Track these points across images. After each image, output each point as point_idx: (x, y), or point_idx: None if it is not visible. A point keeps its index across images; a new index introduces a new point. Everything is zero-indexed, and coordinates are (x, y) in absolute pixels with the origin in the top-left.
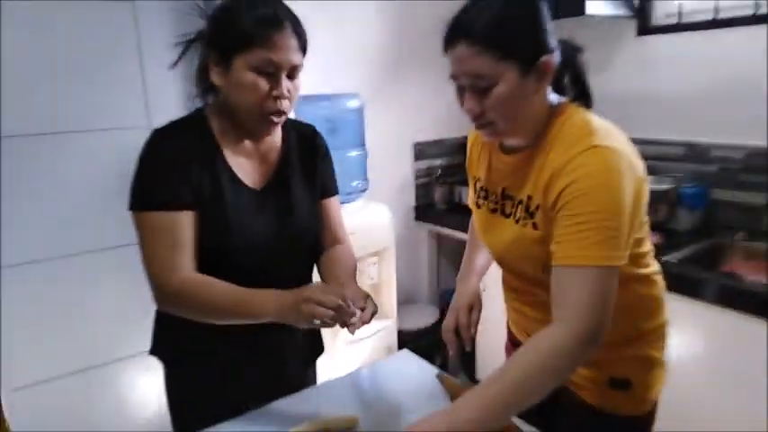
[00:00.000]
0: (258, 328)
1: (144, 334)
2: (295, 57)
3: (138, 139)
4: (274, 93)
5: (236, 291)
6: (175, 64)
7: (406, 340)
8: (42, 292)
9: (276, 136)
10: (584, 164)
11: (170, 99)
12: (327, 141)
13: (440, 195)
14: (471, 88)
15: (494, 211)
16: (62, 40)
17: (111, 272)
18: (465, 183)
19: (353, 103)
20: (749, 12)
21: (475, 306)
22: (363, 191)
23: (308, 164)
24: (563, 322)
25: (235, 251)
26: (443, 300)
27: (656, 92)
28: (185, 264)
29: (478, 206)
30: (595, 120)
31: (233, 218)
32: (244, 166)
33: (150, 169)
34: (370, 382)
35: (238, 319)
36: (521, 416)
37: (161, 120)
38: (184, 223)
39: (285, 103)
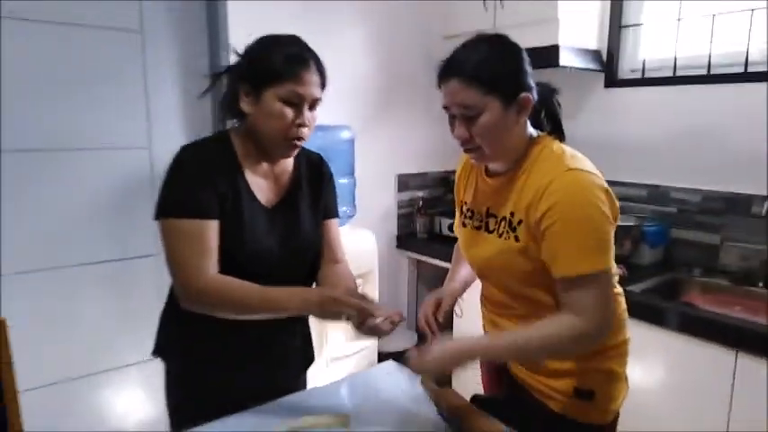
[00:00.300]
0: (261, 329)
1: (132, 344)
2: (317, 91)
3: (139, 159)
4: (297, 121)
5: (264, 288)
6: (204, 94)
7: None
8: (37, 301)
9: (289, 160)
10: (563, 185)
11: (171, 123)
12: None
13: (421, 225)
14: (461, 117)
15: (478, 228)
16: (69, 60)
17: (106, 285)
18: (445, 214)
19: (346, 135)
20: (704, 71)
21: (443, 302)
22: (351, 216)
23: (315, 187)
24: (581, 318)
25: (248, 260)
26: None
27: (621, 138)
28: (211, 267)
29: (464, 225)
30: (567, 149)
31: (248, 231)
32: (260, 185)
33: (181, 181)
34: (358, 387)
35: (264, 313)
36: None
37: (161, 142)
38: (211, 231)
39: (305, 131)
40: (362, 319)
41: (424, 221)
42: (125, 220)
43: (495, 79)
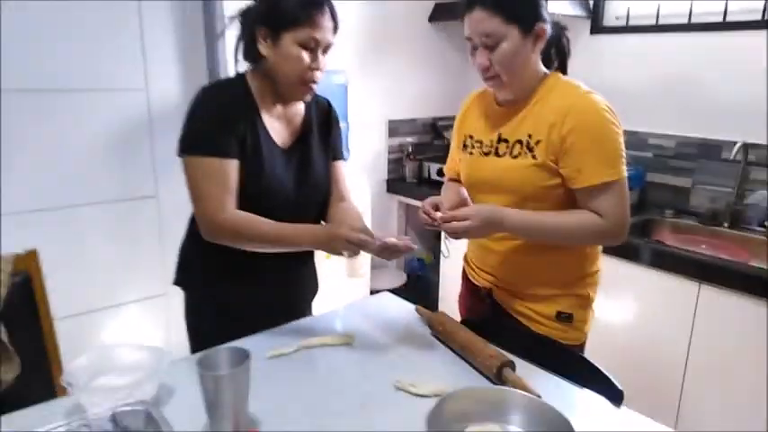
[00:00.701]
0: (276, 258)
1: (141, 281)
2: (330, 36)
3: (136, 100)
4: (313, 65)
5: (280, 225)
6: (221, 35)
7: None
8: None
9: (301, 103)
10: (584, 107)
11: (167, 65)
12: None
13: (410, 170)
14: (482, 45)
15: (486, 154)
16: (67, 3)
17: (108, 225)
18: (433, 159)
19: (340, 79)
20: (685, 20)
21: (441, 206)
22: (345, 160)
23: (324, 130)
24: (605, 219)
25: (266, 198)
26: (409, 266)
27: (605, 84)
28: (232, 204)
29: (470, 153)
30: (577, 80)
31: (267, 170)
32: (275, 127)
33: (205, 120)
34: (358, 314)
35: (280, 248)
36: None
37: (158, 83)
38: (232, 170)
39: (319, 74)
40: (367, 250)
41: (413, 166)
42: (124, 162)
43: (515, 8)
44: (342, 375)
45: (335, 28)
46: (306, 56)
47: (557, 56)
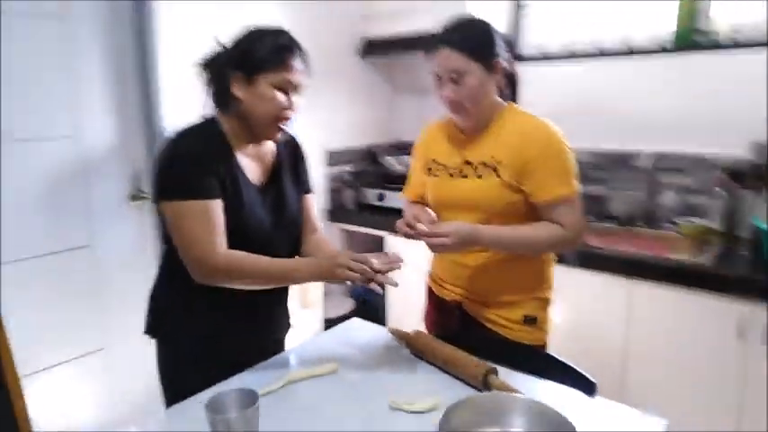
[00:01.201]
0: (254, 297)
1: (75, 337)
2: (303, 78)
3: (67, 149)
4: (287, 105)
5: (280, 260)
6: (203, 83)
7: (333, 325)
8: None
9: (271, 142)
10: (543, 133)
11: (99, 112)
12: None
13: (349, 198)
14: (449, 80)
15: (452, 175)
16: None
17: (37, 279)
18: (371, 185)
19: None
20: (595, 49)
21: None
22: (313, 193)
23: (294, 166)
24: (565, 228)
25: (245, 237)
26: (354, 292)
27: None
28: (224, 243)
29: (435, 176)
30: (528, 109)
31: (247, 210)
32: (249, 166)
33: (186, 164)
34: (334, 342)
35: (277, 284)
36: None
37: (90, 131)
38: (218, 210)
39: (291, 114)
40: (366, 280)
41: (353, 194)
42: (56, 213)
43: (477, 47)
44: (336, 404)
45: (308, 71)
46: (281, 97)
47: (508, 86)
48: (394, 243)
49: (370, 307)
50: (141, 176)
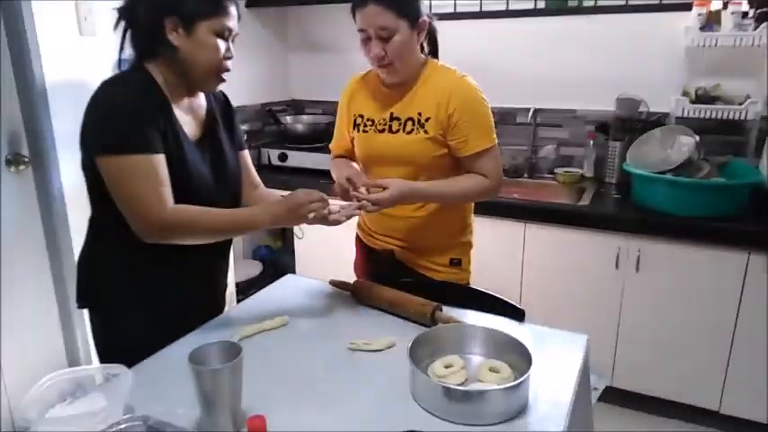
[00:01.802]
0: (203, 253)
1: None
2: (237, 24)
3: None
4: (227, 54)
5: (232, 211)
6: (116, 27)
7: (245, 288)
8: None
9: (202, 95)
10: (464, 88)
11: None
12: None
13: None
14: (377, 38)
15: (381, 131)
16: None
17: None
18: (269, 145)
19: None
20: (477, 9)
21: (360, 170)
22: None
23: (227, 121)
24: (488, 179)
25: (190, 193)
26: (258, 254)
27: None
28: (171, 199)
29: (364, 131)
30: (448, 65)
31: (190, 164)
32: (185, 120)
33: (125, 117)
34: (275, 298)
35: (235, 234)
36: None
37: None
38: (163, 165)
39: (230, 63)
40: (324, 213)
41: (252, 154)
42: None
43: (404, 4)
44: (296, 352)
45: (239, 17)
46: (222, 45)
47: (429, 44)
48: None
49: (279, 267)
50: (19, 138)
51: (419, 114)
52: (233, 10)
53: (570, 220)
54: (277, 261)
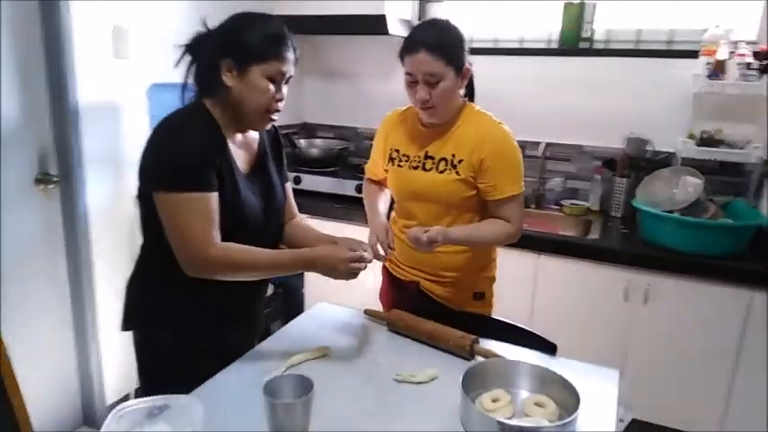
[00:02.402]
0: (240, 292)
1: None
2: (293, 68)
3: None
4: (277, 96)
5: (275, 253)
6: (177, 64)
7: None
8: None
9: (254, 132)
10: (498, 134)
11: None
12: None
13: None
14: (424, 82)
15: (415, 168)
16: None
17: None
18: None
19: None
20: (491, 45)
21: (388, 227)
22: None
23: (276, 154)
24: (511, 225)
25: (241, 226)
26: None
27: None
28: (218, 236)
29: (399, 165)
30: (487, 111)
31: (244, 200)
32: (238, 155)
33: (184, 154)
34: (311, 327)
35: (277, 274)
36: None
37: None
38: (215, 203)
39: (281, 105)
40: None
41: None
42: None
43: (453, 54)
44: (345, 383)
45: (296, 60)
46: (272, 88)
47: (466, 87)
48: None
49: (288, 290)
50: (48, 157)
51: (453, 156)
52: (289, 55)
53: (582, 253)
54: (286, 282)
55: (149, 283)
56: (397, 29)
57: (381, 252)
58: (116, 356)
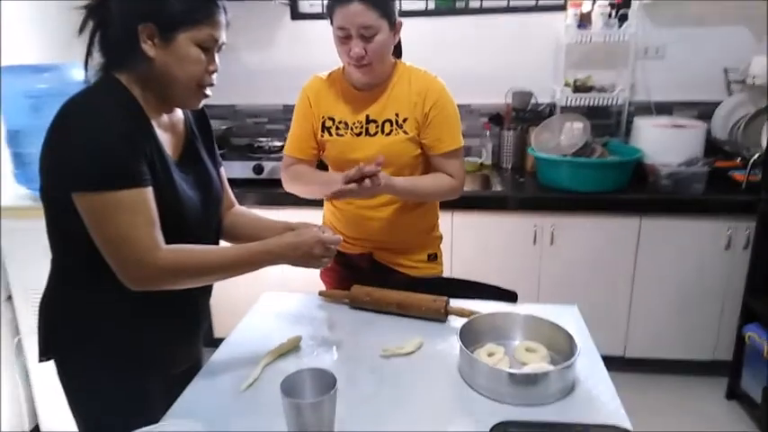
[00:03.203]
0: (184, 296)
1: None
2: (225, 34)
3: None
4: (211, 68)
5: (233, 249)
6: (81, 31)
7: None
8: None
9: (179, 110)
10: (438, 89)
11: None
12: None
13: None
14: (359, 36)
15: (358, 134)
16: None
17: None
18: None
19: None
20: None
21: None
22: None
23: (206, 137)
24: (454, 179)
25: (178, 221)
26: None
27: (307, 64)
28: (161, 238)
29: (339, 135)
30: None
31: (179, 190)
32: (165, 139)
33: (110, 146)
34: (270, 318)
35: (237, 274)
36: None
37: None
38: (151, 199)
39: (215, 77)
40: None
41: None
42: None
43: (386, 4)
44: (336, 370)
45: (228, 24)
46: (203, 57)
47: (395, 49)
48: None
49: None
50: None
51: (396, 115)
52: (221, 18)
53: (491, 204)
54: None
55: (69, 301)
56: None
57: (368, 184)
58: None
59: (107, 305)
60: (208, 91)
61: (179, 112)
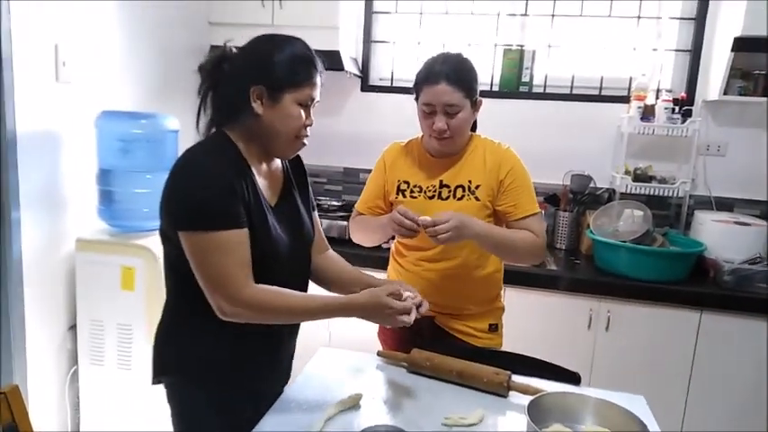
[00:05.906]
0: (275, 336)
1: None
2: (319, 93)
3: None
4: (307, 122)
5: (310, 296)
6: (201, 91)
7: None
8: None
9: (278, 159)
10: (511, 157)
11: None
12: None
13: None
14: (443, 113)
15: (431, 197)
16: None
17: None
18: None
19: (172, 124)
20: None
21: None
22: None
23: (301, 182)
24: (537, 237)
25: (269, 260)
26: None
27: (373, 132)
28: (251, 276)
29: (412, 197)
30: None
31: (273, 233)
32: (263, 185)
33: (212, 189)
34: (328, 375)
35: (311, 320)
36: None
37: None
38: (246, 240)
39: (310, 130)
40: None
41: None
42: None
43: (470, 86)
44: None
45: (323, 83)
46: (303, 113)
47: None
48: None
49: None
50: None
51: (469, 182)
52: (318, 80)
53: (546, 283)
54: None
55: (179, 329)
56: (350, 65)
57: (416, 221)
58: (49, 414)
59: (211, 337)
60: (304, 141)
61: (277, 162)
